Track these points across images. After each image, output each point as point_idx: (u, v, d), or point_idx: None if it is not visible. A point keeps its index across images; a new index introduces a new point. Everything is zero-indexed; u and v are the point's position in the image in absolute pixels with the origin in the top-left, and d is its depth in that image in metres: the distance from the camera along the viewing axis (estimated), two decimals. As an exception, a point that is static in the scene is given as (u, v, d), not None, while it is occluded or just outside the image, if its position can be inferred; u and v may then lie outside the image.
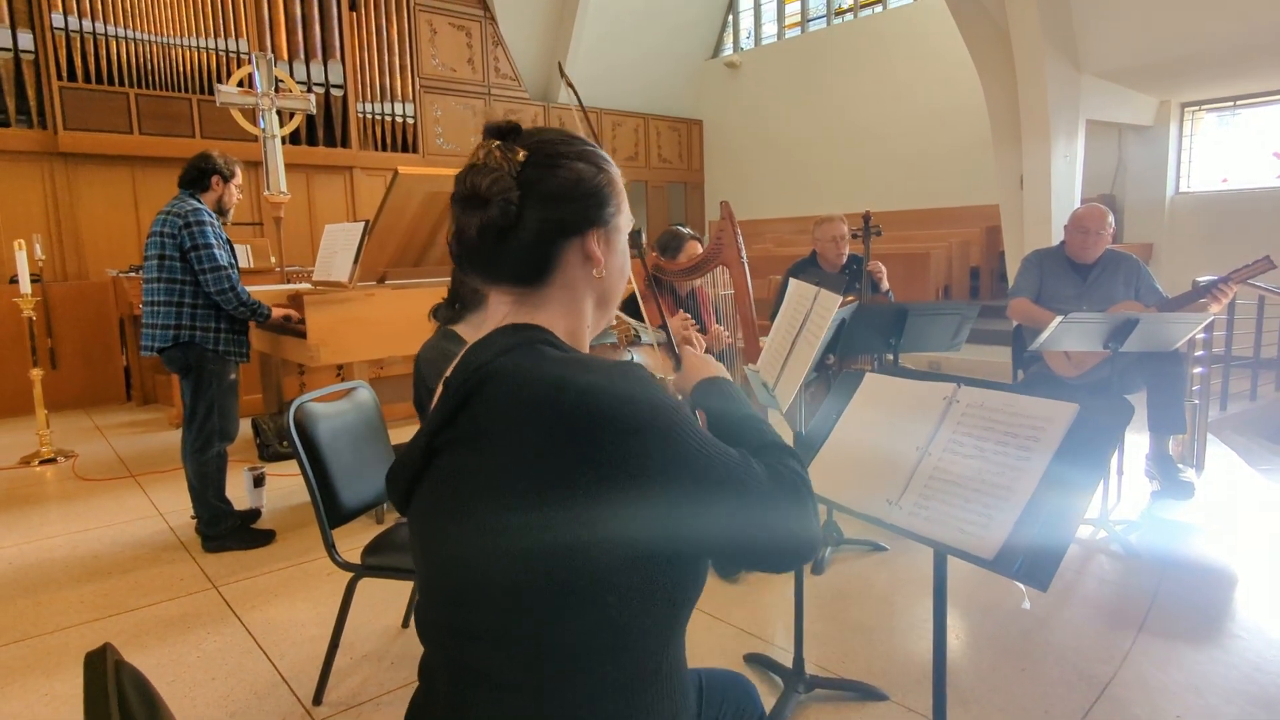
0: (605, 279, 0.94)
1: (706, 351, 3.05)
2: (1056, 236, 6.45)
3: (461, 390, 0.81)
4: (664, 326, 1.38)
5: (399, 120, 9.59)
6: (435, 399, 0.87)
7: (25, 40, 7.25)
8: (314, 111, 6.36)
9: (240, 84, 5.78)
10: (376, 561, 2.08)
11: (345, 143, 9.18)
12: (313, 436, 2.08)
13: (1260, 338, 6.00)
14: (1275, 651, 2.21)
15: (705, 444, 0.78)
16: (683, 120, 12.95)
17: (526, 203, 0.84)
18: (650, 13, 11.65)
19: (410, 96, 9.65)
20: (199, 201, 3.12)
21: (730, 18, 12.83)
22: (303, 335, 3.18)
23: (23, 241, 4.55)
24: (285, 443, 4.58)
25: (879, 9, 10.97)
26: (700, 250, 3.14)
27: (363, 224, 3.32)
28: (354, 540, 2.91)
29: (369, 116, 9.35)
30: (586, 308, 0.93)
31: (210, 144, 8.11)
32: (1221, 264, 6.75)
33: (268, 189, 5.72)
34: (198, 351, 3.05)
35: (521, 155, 0.85)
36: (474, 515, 0.78)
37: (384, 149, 9.55)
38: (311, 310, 3.01)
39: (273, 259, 6.79)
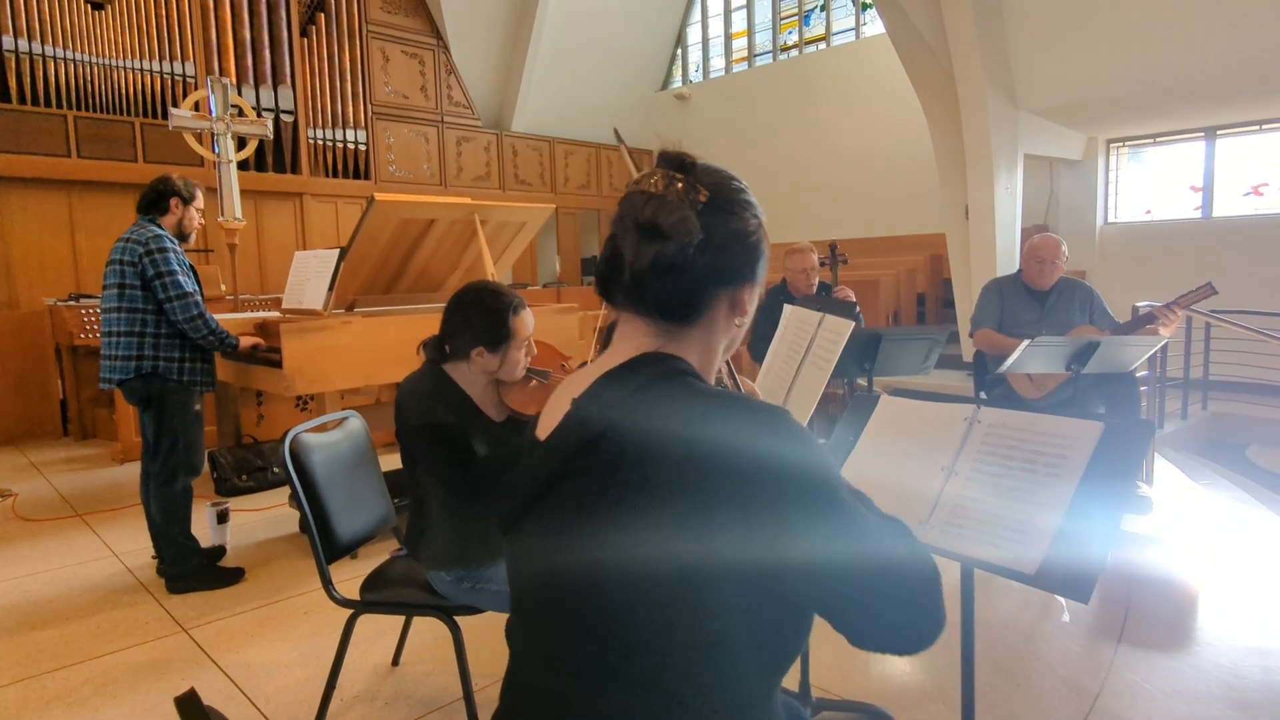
0: (741, 328, 0.96)
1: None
2: (1001, 264, 6.74)
3: (605, 417, 0.81)
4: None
5: (350, 146, 9.46)
6: (561, 421, 0.86)
7: (-45, 59, 6.94)
8: (269, 137, 6.24)
9: (195, 107, 5.62)
10: (377, 597, 2.02)
11: (295, 169, 9.00)
12: (308, 468, 2.02)
13: (1189, 359, 6.35)
14: (1246, 657, 2.32)
15: (863, 516, 0.79)
16: (633, 150, 13.08)
17: (702, 245, 0.86)
18: (601, 44, 11.82)
19: (362, 123, 9.54)
20: (159, 227, 3.03)
21: (679, 51, 13.11)
22: (275, 364, 3.10)
23: (-41, 269, 4.32)
24: (244, 476, 4.42)
25: (823, 46, 11.36)
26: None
27: (338, 251, 3.26)
28: (337, 575, 2.82)
29: (320, 142, 9.20)
30: (719, 350, 0.95)
31: (154, 169, 7.86)
32: (1149, 290, 7.16)
33: (221, 215, 5.56)
34: (160, 383, 2.93)
35: (704, 196, 0.87)
36: (608, 541, 0.78)
37: (335, 175, 9.40)
38: (288, 339, 2.93)
39: (223, 286, 6.58)
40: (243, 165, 8.42)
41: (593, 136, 12.51)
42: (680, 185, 0.87)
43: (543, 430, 0.92)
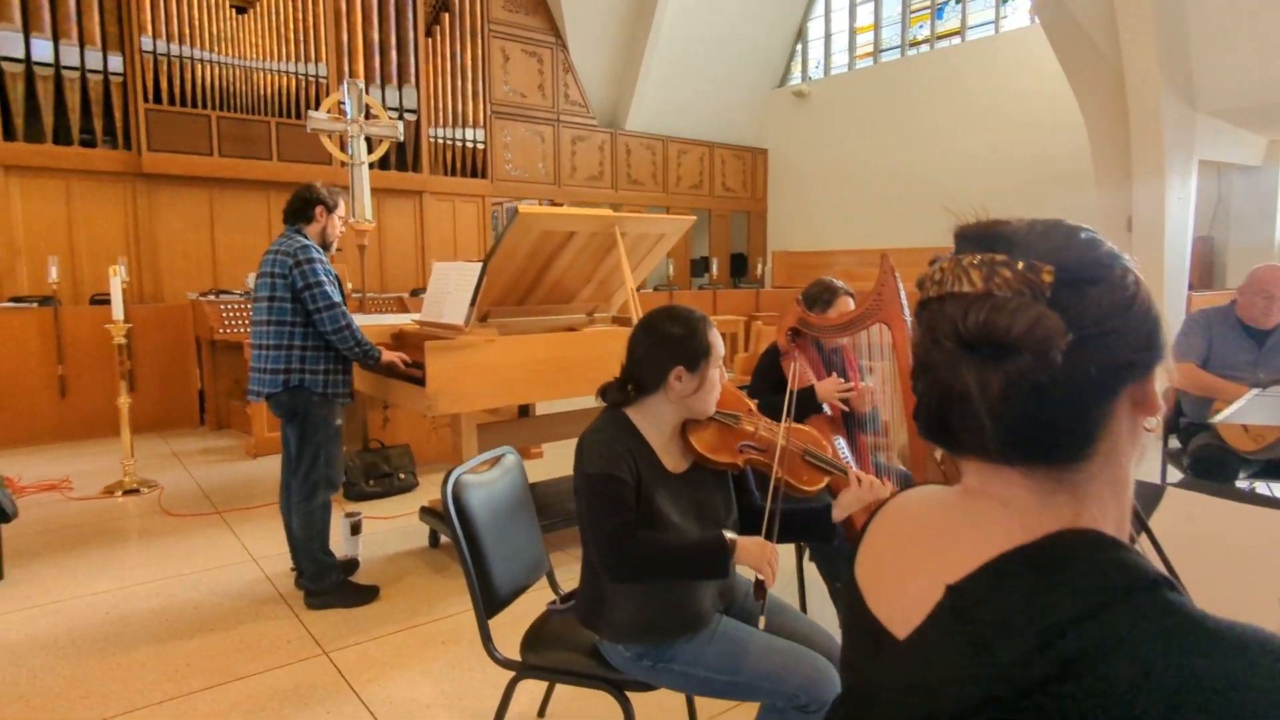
0: (1152, 430, 0.67)
1: (852, 411, 2.81)
2: (1170, 282, 6.10)
3: (1062, 638, 0.55)
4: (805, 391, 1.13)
5: (469, 145, 9.55)
6: (942, 620, 0.62)
7: (115, 63, 7.34)
8: (401, 139, 6.30)
9: (332, 109, 5.73)
10: (540, 660, 1.86)
11: (416, 167, 9.15)
12: (470, 514, 1.88)
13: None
14: None
15: None
16: (747, 149, 12.78)
17: (1074, 345, 0.59)
18: (720, 41, 11.54)
19: (481, 122, 9.62)
20: (305, 236, 2.99)
21: (800, 46, 12.68)
22: (415, 380, 3.01)
23: (118, 267, 4.49)
24: (372, 482, 4.43)
25: (957, 40, 10.72)
26: (852, 307, 2.92)
27: (480, 265, 3.15)
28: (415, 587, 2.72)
29: (440, 141, 9.32)
30: (1130, 481, 0.65)
31: (286, 167, 8.15)
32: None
33: (353, 216, 5.64)
34: (305, 396, 2.89)
35: (1048, 273, 0.60)
36: None
37: (453, 174, 9.52)
38: (433, 357, 2.84)
39: (349, 285, 6.71)
40: (371, 165, 8.66)
41: (706, 135, 12.26)
42: (1008, 271, 0.62)
43: (890, 615, 0.67)
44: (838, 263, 11.82)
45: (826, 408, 2.75)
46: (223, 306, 6.09)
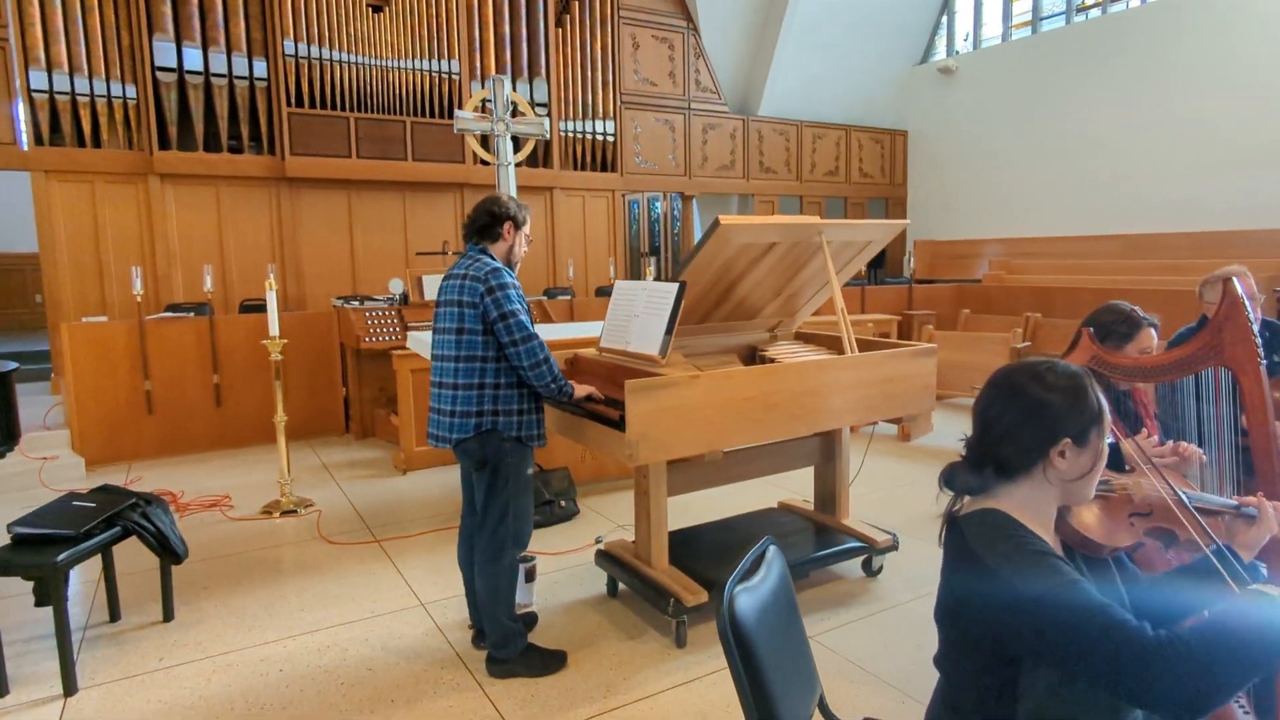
0: None
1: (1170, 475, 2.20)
2: None
3: None
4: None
5: (599, 138, 9.21)
6: None
7: (260, 68, 7.38)
8: (547, 136, 5.97)
9: (478, 108, 5.47)
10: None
11: (547, 162, 8.90)
12: (747, 636, 1.44)
13: None
14: None
15: None
16: (886, 132, 11.91)
17: None
18: (858, 19, 10.73)
19: (611, 113, 9.26)
20: (492, 258, 2.64)
21: (945, 18, 11.67)
22: (609, 421, 2.61)
23: (271, 279, 4.34)
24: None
25: (1132, 3, 9.51)
26: (1155, 340, 2.31)
27: (676, 286, 2.72)
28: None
29: (570, 135, 9.02)
30: None
31: (422, 166, 8.02)
32: None
33: (499, 220, 5.38)
34: (498, 441, 2.55)
35: None
36: None
37: (583, 168, 9.21)
38: (635, 399, 2.42)
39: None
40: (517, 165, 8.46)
41: (842, 118, 11.49)
42: None
43: None
44: (987, 252, 10.85)
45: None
46: (368, 314, 5.96)
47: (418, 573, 3.54)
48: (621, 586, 3.25)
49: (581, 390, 2.68)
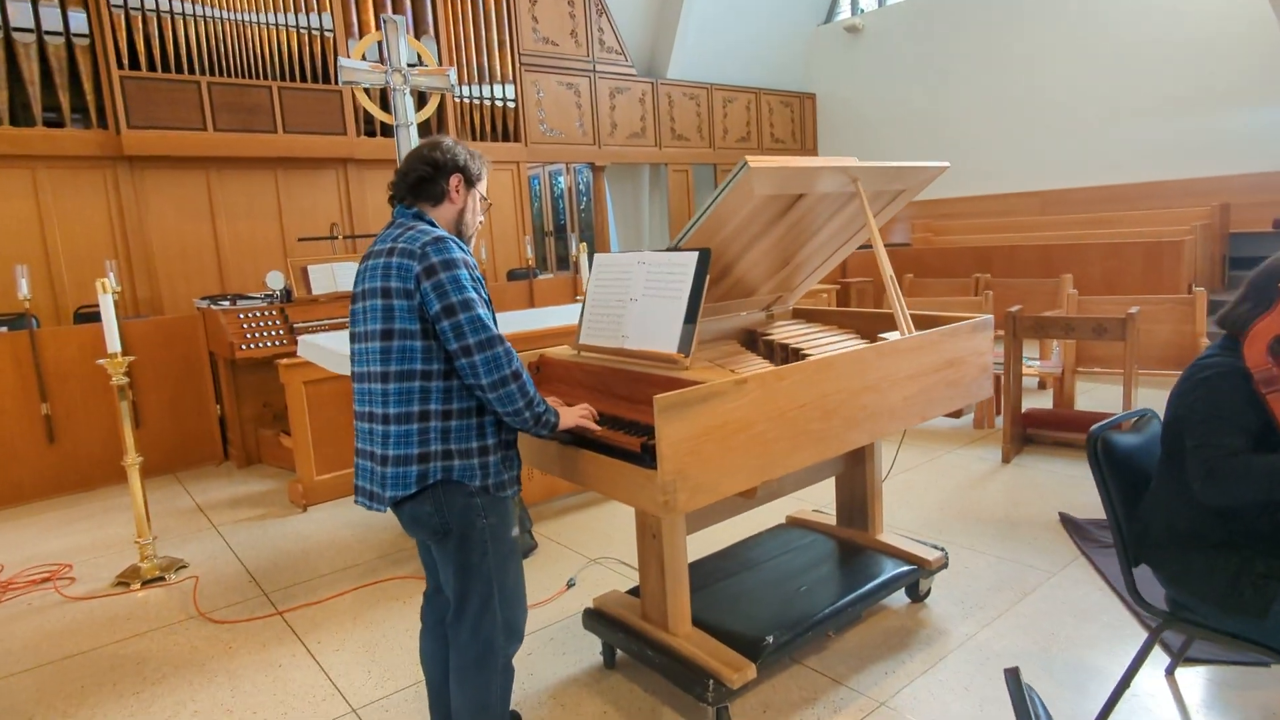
0: None
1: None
2: None
3: None
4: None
5: (498, 104, 8.24)
6: None
7: (78, 21, 6.00)
8: (453, 90, 4.98)
9: (367, 56, 4.47)
10: None
11: (442, 131, 7.86)
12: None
13: None
14: None
15: None
16: (795, 95, 11.46)
17: None
18: (765, -29, 10.16)
19: (510, 76, 8.30)
20: (433, 224, 1.80)
21: (849, -25, 11.29)
22: (628, 455, 1.82)
23: (105, 281, 3.27)
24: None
25: (1042, -48, 9.37)
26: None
27: (697, 256, 1.96)
28: None
29: (466, 101, 8.02)
30: None
31: (297, 140, 6.86)
32: None
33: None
34: (461, 497, 1.73)
35: None
36: None
37: (482, 138, 8.22)
38: (668, 419, 1.65)
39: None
40: (380, 131, 7.37)
41: (752, 81, 10.94)
42: None
43: None
44: (903, 215, 10.61)
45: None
46: (242, 316, 4.88)
47: (340, 658, 2.66)
48: (620, 654, 2.50)
49: (571, 416, 1.89)
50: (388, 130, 7.41)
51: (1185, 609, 1.84)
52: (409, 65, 4.40)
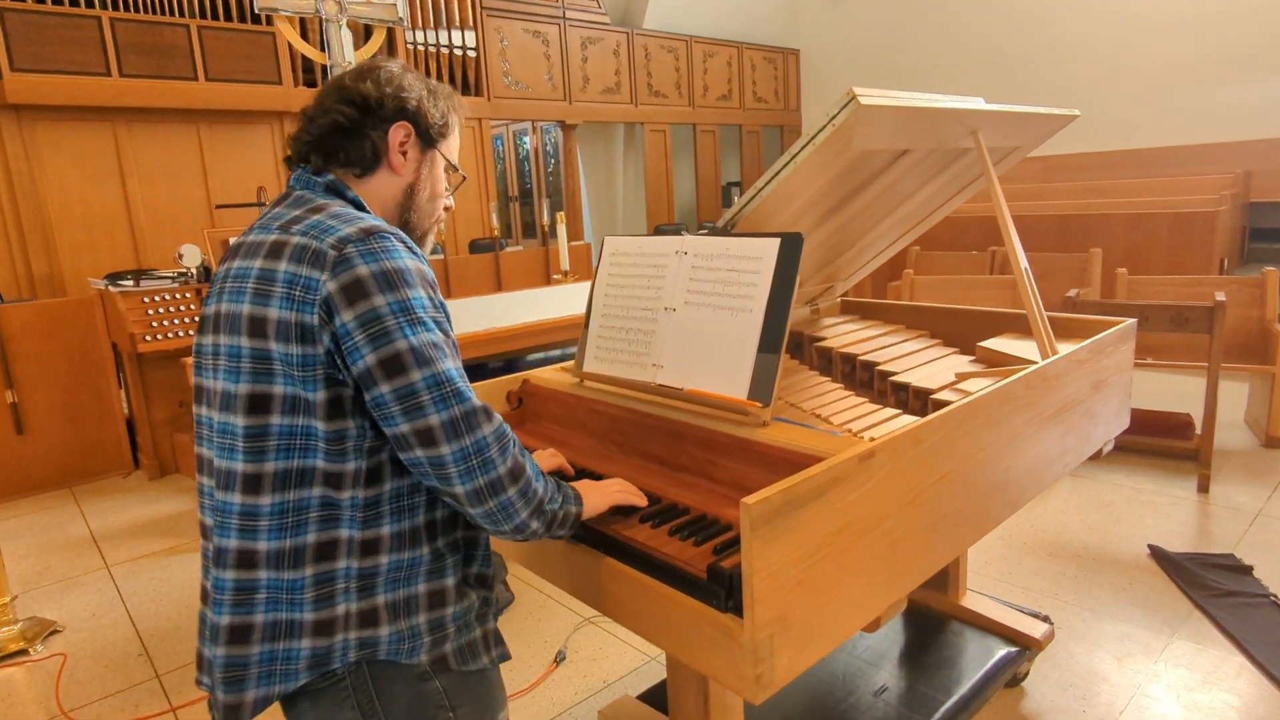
0: None
1: None
2: None
3: None
4: None
5: (457, 53, 7.33)
6: None
7: (-56, -61, 4.98)
8: (404, 20, 4.10)
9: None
10: None
11: (393, 84, 6.94)
12: None
13: None
14: None
15: None
16: (778, 50, 10.67)
17: None
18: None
19: (470, 22, 7.38)
20: (364, 208, 1.05)
21: (838, -82, 10.46)
22: (695, 584, 1.10)
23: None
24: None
25: (1049, -104, 8.67)
26: None
27: (779, 245, 1.24)
28: None
29: (420, 49, 7.09)
30: None
31: (219, 89, 5.92)
32: None
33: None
34: (404, 685, 1.00)
35: None
36: None
37: (440, 92, 7.32)
38: (763, 541, 0.95)
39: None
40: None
41: (734, 34, 10.11)
42: None
43: None
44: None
45: None
46: (145, 299, 4.03)
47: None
48: (638, 783, 1.82)
49: (603, 495, 1.17)
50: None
51: None
52: (345, -9, 3.55)
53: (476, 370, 2.96)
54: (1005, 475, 1.44)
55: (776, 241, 1.25)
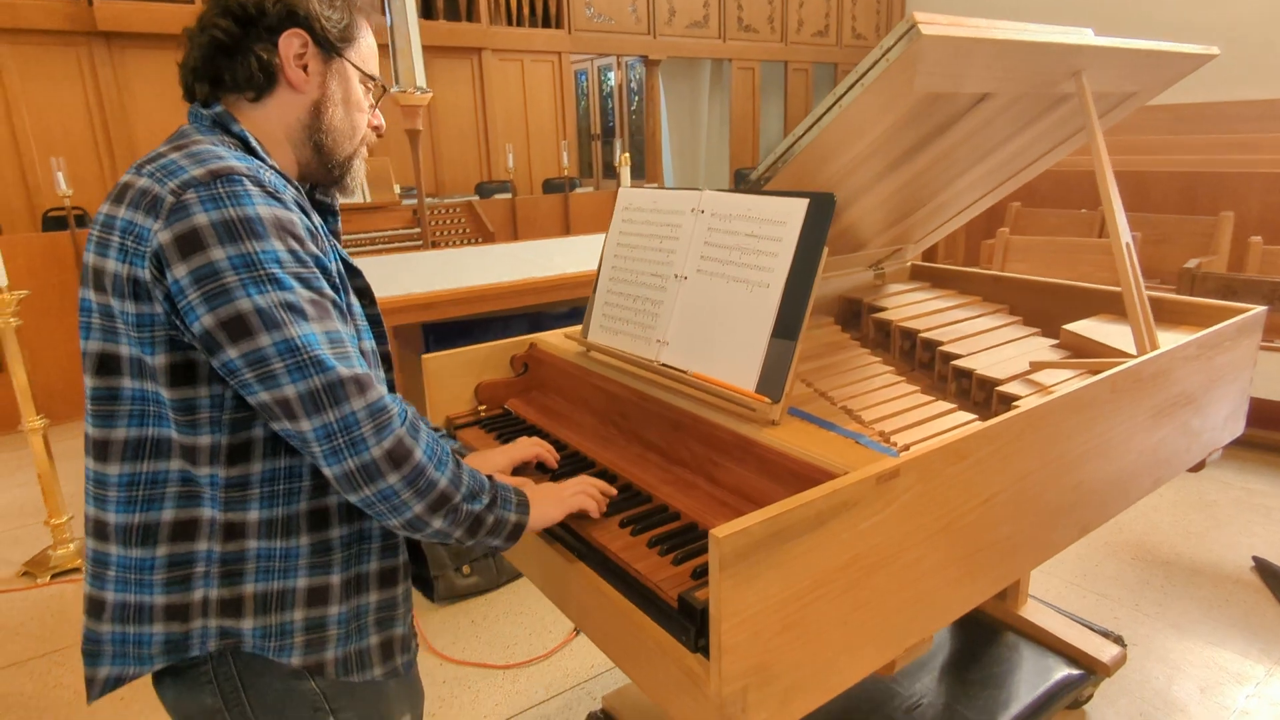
0: None
1: None
2: None
3: None
4: None
5: (538, -17, 7.07)
6: None
7: None
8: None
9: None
10: None
11: (471, 15, 6.76)
12: None
13: None
14: None
15: None
16: (883, -20, 9.89)
17: None
18: None
19: (553, -52, 7.08)
20: (250, 141, 0.91)
21: None
22: (665, 612, 0.94)
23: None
24: (468, 568, 2.50)
25: None
26: None
27: (808, 203, 1.02)
28: None
29: (500, -22, 6.86)
30: None
31: (298, 17, 5.86)
32: None
33: (397, 83, 3.50)
34: (275, 681, 0.89)
35: None
36: None
37: (519, 23, 7.11)
38: (734, 583, 0.79)
39: (397, 188, 4.61)
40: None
41: (835, -38, 9.41)
42: None
43: None
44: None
45: None
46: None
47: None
48: (639, 778, 1.71)
49: (560, 500, 1.02)
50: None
51: None
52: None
53: (533, 320, 2.82)
54: (1074, 495, 1.20)
55: (804, 203, 1.03)
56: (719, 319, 1.11)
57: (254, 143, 0.91)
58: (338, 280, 0.89)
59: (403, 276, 2.71)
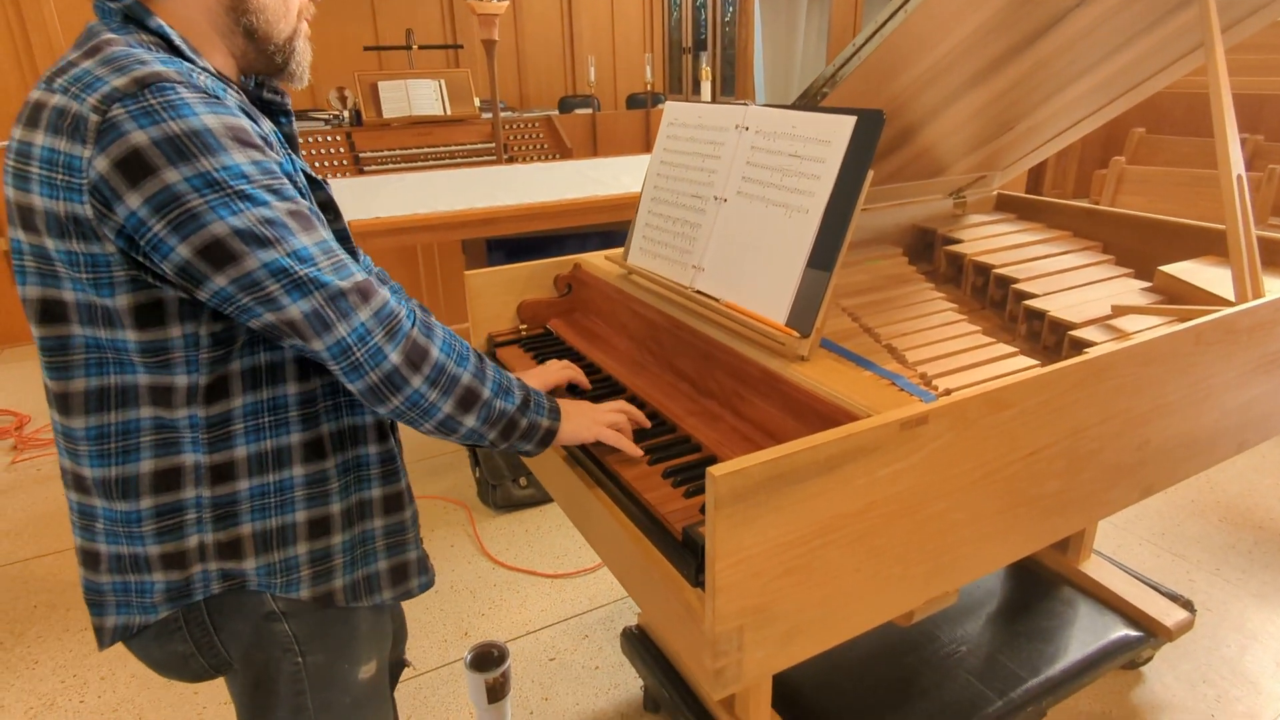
0: None
1: None
2: None
3: None
4: None
5: (631, -119, 6.71)
6: None
7: None
8: None
9: None
10: None
11: (559, -83, 6.52)
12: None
13: None
14: None
15: None
16: None
17: None
18: None
19: None
20: (171, 35, 0.79)
21: None
22: (671, 542, 0.93)
23: None
24: (525, 480, 2.57)
25: None
26: None
27: (854, 121, 0.94)
28: None
29: (592, -125, 6.55)
30: None
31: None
32: None
33: (473, -12, 3.42)
34: (243, 626, 0.89)
35: None
36: None
37: (610, -75, 6.81)
38: (731, 523, 0.76)
39: (477, 101, 4.58)
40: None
41: None
42: None
43: None
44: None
45: None
46: (301, 140, 4.16)
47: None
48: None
49: (592, 420, 1.01)
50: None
51: None
52: None
53: (604, 239, 2.78)
54: (1139, 455, 1.10)
55: (851, 120, 0.95)
56: (755, 246, 1.04)
57: (177, 39, 0.79)
58: (302, 190, 0.84)
59: (468, 191, 2.71)
